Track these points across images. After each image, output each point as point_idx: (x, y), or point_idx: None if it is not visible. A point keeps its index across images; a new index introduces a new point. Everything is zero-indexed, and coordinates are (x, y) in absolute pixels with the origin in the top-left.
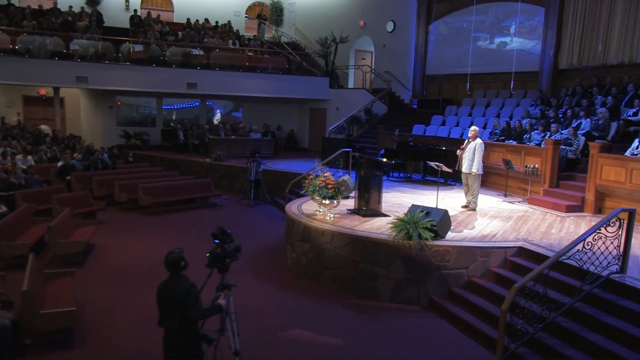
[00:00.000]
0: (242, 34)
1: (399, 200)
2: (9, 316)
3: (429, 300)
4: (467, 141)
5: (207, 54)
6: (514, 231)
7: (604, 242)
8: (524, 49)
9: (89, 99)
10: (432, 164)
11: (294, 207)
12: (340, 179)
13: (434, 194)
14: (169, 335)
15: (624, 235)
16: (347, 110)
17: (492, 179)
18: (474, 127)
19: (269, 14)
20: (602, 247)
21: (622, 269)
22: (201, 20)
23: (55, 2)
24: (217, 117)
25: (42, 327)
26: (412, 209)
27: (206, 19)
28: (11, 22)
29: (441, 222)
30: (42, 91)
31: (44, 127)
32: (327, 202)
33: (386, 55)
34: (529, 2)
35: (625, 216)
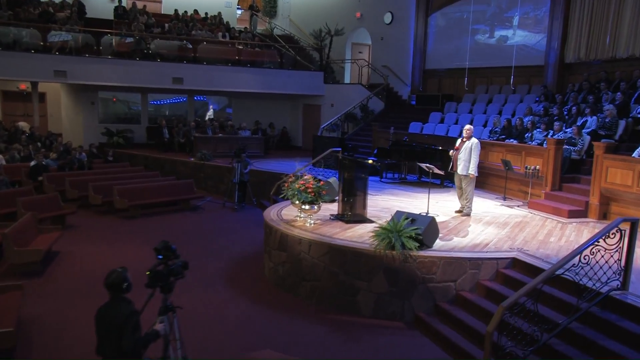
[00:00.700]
0: (233, 26)
1: (389, 204)
2: None
3: (414, 316)
4: (461, 141)
5: (194, 47)
6: (509, 240)
7: (602, 256)
8: (528, 41)
9: (70, 95)
10: (423, 166)
11: (273, 212)
12: (321, 182)
13: (430, 196)
14: None
15: (625, 247)
16: (342, 106)
17: (491, 181)
18: (468, 126)
19: (262, 5)
20: (601, 261)
21: (624, 285)
22: (191, 11)
23: None
24: (209, 113)
25: None
26: (396, 215)
27: (195, 11)
28: None
29: (427, 230)
30: (22, 86)
31: (22, 124)
32: (307, 207)
33: (384, 48)
34: None
35: (627, 226)
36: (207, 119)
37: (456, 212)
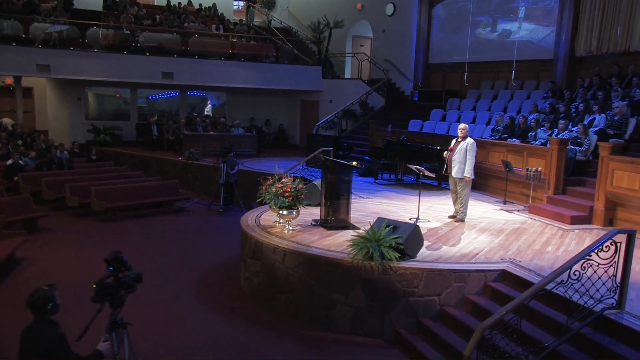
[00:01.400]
0: (228, 18)
1: (380, 207)
2: None
3: (394, 332)
4: (455, 141)
5: (185, 39)
6: (501, 249)
7: (595, 271)
8: (536, 34)
9: (55, 90)
10: (412, 167)
11: (251, 217)
12: (301, 185)
13: (424, 200)
14: None
15: (621, 262)
16: (341, 102)
17: (492, 183)
18: (463, 125)
19: None
20: (594, 276)
21: (619, 303)
22: (184, 2)
23: None
24: (208, 109)
25: None
26: (377, 222)
27: (189, 2)
28: None
29: (410, 239)
30: (9, 80)
31: (6, 120)
32: (285, 212)
33: (385, 41)
34: None
35: (622, 239)
36: (205, 114)
37: (449, 217)
